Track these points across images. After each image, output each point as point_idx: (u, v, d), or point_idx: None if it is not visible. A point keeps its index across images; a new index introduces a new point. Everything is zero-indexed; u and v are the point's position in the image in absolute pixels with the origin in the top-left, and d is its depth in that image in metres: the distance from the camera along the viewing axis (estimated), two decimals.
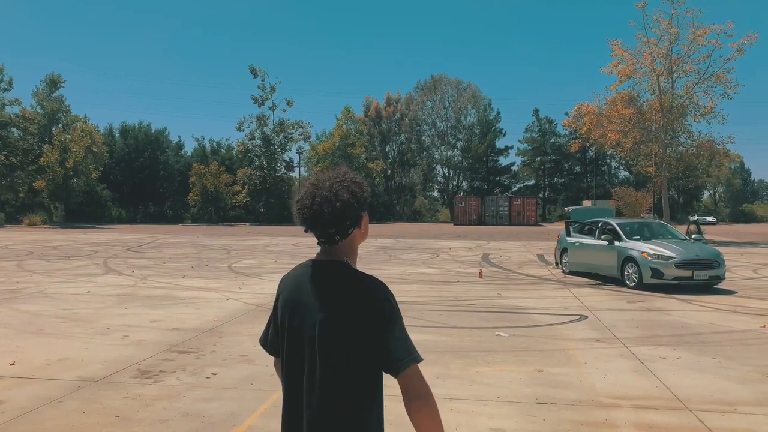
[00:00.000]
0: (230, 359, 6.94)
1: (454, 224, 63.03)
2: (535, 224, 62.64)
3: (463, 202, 67.02)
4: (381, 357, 1.78)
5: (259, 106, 70.13)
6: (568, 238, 16.56)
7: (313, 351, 1.80)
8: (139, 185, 70.40)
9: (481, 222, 63.87)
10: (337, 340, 1.78)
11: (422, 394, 1.76)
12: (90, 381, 5.99)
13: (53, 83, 62.57)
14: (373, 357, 1.78)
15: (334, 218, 1.81)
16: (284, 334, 1.90)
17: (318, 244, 1.91)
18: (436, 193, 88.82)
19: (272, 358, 2.08)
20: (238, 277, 15.11)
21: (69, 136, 56.97)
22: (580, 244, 15.90)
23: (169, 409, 5.18)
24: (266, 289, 12.62)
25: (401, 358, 1.77)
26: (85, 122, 61.30)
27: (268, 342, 2.05)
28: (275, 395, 5.30)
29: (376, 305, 1.79)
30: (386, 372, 1.80)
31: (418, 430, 1.75)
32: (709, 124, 37.91)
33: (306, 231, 1.89)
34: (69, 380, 6.01)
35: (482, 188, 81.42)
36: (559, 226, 19.19)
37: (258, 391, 5.66)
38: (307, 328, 1.83)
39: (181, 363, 6.72)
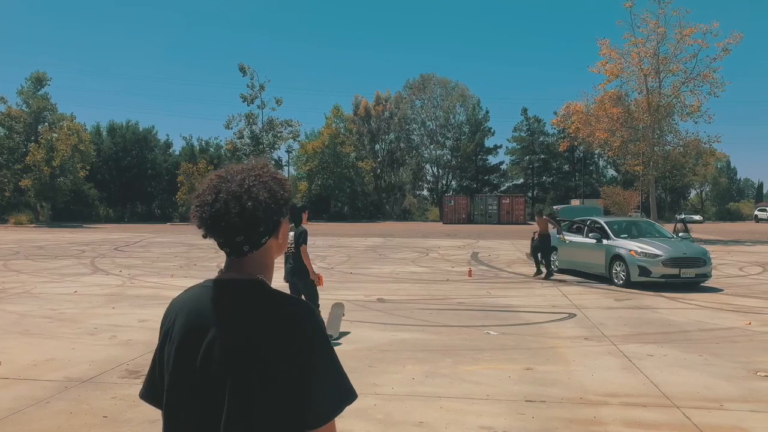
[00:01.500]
0: None
1: (444, 223, 63.07)
2: (524, 223, 62.83)
3: (452, 201, 67.15)
4: (301, 405, 1.39)
5: (248, 105, 69.84)
6: (557, 236, 16.64)
7: (219, 396, 1.41)
8: (127, 184, 69.82)
9: (470, 221, 64.02)
10: (256, 381, 1.38)
11: None
12: (77, 381, 5.94)
13: (39, 81, 61.83)
14: (295, 400, 1.39)
15: (244, 222, 1.43)
16: (176, 376, 1.49)
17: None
18: (425, 192, 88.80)
19: None
20: None
21: (55, 135, 56.41)
22: (569, 242, 15.99)
23: (157, 410, 5.14)
24: None
25: (324, 412, 1.41)
26: (72, 120, 60.69)
27: (155, 392, 1.60)
28: None
29: (298, 333, 1.41)
30: (303, 424, 1.41)
31: None
32: (696, 123, 38.24)
33: (205, 237, 1.47)
34: (56, 381, 5.97)
35: (471, 187, 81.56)
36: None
37: None
38: (213, 366, 1.42)
39: None
